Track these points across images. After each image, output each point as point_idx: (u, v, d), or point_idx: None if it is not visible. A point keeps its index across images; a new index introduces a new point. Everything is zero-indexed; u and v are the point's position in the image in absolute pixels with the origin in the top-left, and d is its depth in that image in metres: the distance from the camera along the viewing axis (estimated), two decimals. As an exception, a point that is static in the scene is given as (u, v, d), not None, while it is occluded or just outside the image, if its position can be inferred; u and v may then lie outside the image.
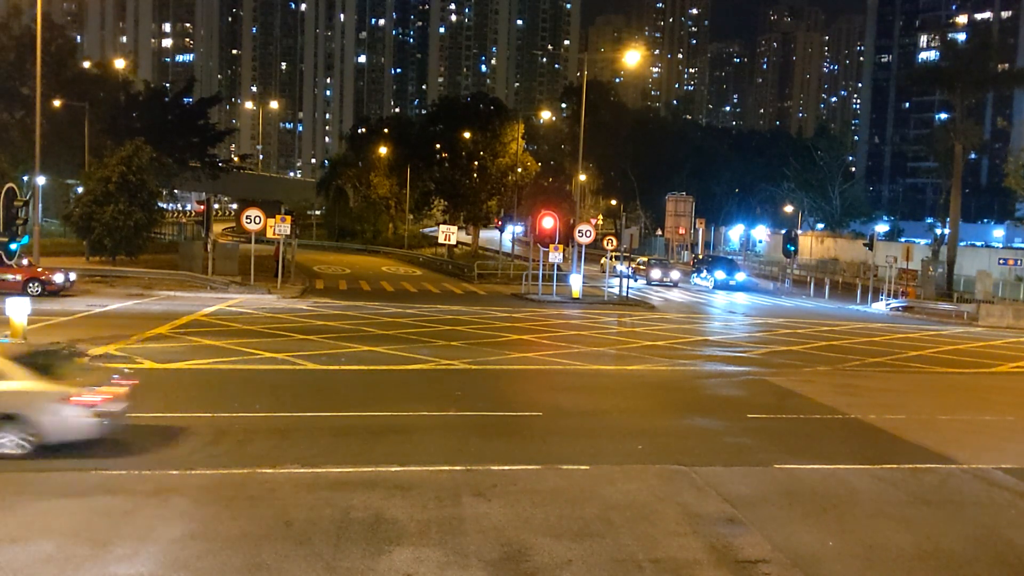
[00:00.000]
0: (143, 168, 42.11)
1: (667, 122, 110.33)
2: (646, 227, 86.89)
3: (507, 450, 13.42)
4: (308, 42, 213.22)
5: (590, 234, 41.58)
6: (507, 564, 9.00)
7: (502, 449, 13.49)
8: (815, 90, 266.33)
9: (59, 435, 11.92)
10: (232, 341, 22.44)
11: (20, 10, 56.73)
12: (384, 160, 77.25)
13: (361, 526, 9.87)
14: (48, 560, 8.64)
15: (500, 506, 10.70)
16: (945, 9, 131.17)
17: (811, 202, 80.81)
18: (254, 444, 13.12)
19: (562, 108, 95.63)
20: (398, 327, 27.24)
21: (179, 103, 74.54)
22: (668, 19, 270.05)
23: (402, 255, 67.79)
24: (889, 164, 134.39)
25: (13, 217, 19.79)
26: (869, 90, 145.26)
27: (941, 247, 56.53)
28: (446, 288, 44.07)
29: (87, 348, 20.17)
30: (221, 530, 9.58)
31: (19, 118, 53.87)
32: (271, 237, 39.49)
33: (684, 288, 51.14)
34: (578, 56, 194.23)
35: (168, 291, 34.02)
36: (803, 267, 64.45)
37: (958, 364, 25.75)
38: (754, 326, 33.90)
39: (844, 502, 11.65)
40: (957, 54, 66.08)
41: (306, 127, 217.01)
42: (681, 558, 9.36)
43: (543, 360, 22.27)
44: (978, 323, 38.46)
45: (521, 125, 72.45)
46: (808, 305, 44.45)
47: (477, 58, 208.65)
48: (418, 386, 18.51)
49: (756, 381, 20.77)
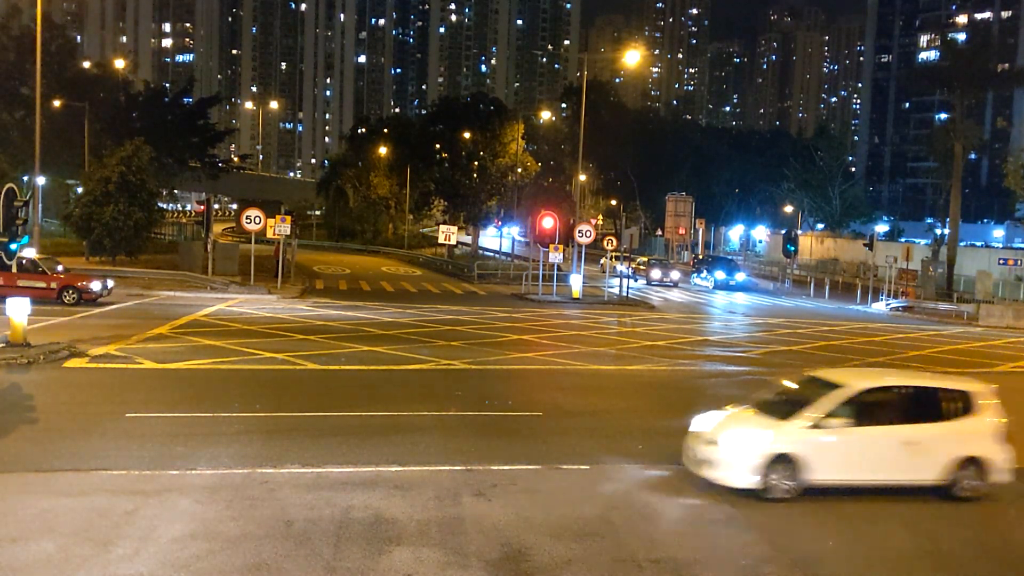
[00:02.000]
0: (143, 168, 42.08)
1: (667, 122, 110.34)
2: (646, 227, 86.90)
3: (507, 450, 13.42)
4: (308, 42, 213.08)
5: (590, 234, 41.57)
6: (507, 564, 9.01)
7: (502, 449, 13.49)
8: (815, 90, 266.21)
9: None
10: (232, 341, 22.44)
11: (20, 10, 56.74)
12: (384, 160, 77.24)
13: (361, 526, 9.87)
14: (48, 560, 8.65)
15: (500, 506, 10.71)
16: (945, 9, 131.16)
17: (811, 202, 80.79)
18: (254, 444, 13.12)
19: (562, 108, 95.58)
20: (398, 327, 27.24)
21: (179, 103, 74.46)
22: (668, 19, 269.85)
23: (402, 255, 67.78)
24: (889, 164, 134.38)
25: (13, 217, 19.73)
26: (869, 90, 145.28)
27: (941, 247, 56.54)
28: (446, 288, 44.07)
29: (87, 348, 20.22)
30: (221, 530, 9.58)
31: (19, 118, 53.84)
32: (271, 237, 39.48)
33: (684, 288, 51.14)
34: (578, 56, 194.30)
35: (168, 291, 34.00)
36: (803, 267, 64.46)
37: (958, 364, 25.74)
38: (754, 326, 33.90)
39: (844, 502, 11.65)
40: (957, 54, 65.97)
41: (306, 127, 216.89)
42: (681, 558, 9.37)
43: (543, 360, 22.27)
44: (978, 323, 38.47)
45: (521, 125, 72.43)
46: (808, 305, 44.45)
47: (477, 58, 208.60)
48: (418, 386, 18.51)
49: (756, 381, 20.74)
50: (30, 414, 14.55)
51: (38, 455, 12.14)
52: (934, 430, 11.94)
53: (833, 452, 11.47)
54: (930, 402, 12.24)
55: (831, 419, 11.51)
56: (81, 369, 18.32)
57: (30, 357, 18.57)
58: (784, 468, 11.29)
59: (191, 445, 12.94)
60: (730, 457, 11.34)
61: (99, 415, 14.56)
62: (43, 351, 19.09)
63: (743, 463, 11.26)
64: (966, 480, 11.80)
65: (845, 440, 11.53)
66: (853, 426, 11.58)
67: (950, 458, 11.75)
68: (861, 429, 11.63)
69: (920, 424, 11.94)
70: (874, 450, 11.68)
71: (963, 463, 11.79)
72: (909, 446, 11.69)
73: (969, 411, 12.13)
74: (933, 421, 12.03)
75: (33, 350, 19.04)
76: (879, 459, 11.70)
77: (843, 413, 11.57)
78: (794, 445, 11.35)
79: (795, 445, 11.35)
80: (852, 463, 11.63)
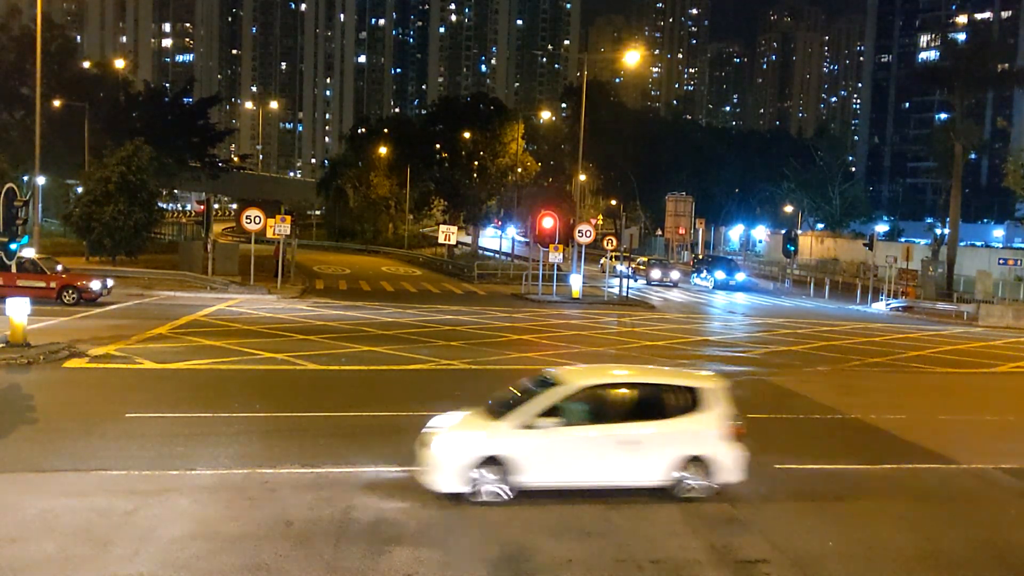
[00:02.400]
0: (143, 168, 42.09)
1: (667, 122, 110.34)
2: (646, 227, 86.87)
3: (507, 450, 13.40)
4: (308, 42, 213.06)
5: (590, 234, 41.57)
6: (507, 564, 9.01)
7: (502, 449, 13.46)
8: (815, 90, 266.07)
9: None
10: (232, 341, 22.44)
11: (20, 10, 56.74)
12: (384, 160, 77.24)
13: (361, 526, 9.88)
14: (48, 560, 8.65)
15: (500, 506, 10.71)
16: (945, 9, 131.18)
17: (811, 202, 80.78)
18: (254, 444, 13.12)
19: (562, 108, 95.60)
20: (398, 327, 27.24)
21: (179, 103, 74.52)
22: (668, 19, 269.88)
23: (402, 255, 67.78)
24: (889, 164, 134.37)
25: (13, 217, 19.73)
26: (869, 90, 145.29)
27: (941, 247, 56.51)
28: (446, 288, 44.06)
29: (87, 348, 20.22)
30: (221, 530, 9.58)
31: (19, 118, 53.87)
32: (271, 237, 39.48)
33: (684, 288, 51.14)
34: (578, 56, 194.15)
35: (168, 291, 34.00)
36: (803, 267, 64.45)
37: (958, 364, 25.75)
38: (754, 326, 33.90)
39: (844, 502, 11.66)
40: (957, 54, 66.03)
41: (306, 127, 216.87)
42: (681, 558, 9.37)
43: (543, 360, 22.25)
44: (978, 323, 38.45)
45: (521, 125, 72.43)
46: (808, 305, 44.44)
47: (477, 58, 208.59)
48: (418, 386, 18.51)
49: (756, 381, 20.75)
50: (30, 414, 14.55)
51: (38, 455, 12.14)
52: (655, 428, 11.23)
53: (545, 453, 10.87)
54: (653, 399, 11.52)
55: (545, 419, 10.90)
56: (81, 369, 18.32)
57: (30, 357, 18.58)
58: (494, 471, 10.70)
59: (191, 445, 12.94)
60: (439, 460, 10.79)
61: (99, 415, 14.55)
62: (43, 351, 19.10)
63: (451, 466, 10.71)
64: (689, 480, 11.14)
65: (558, 440, 10.94)
66: (567, 426, 10.97)
67: (672, 458, 11.10)
68: (576, 428, 11.01)
69: (640, 422, 11.24)
70: (589, 450, 11.02)
71: (685, 463, 11.14)
72: (628, 446, 11.03)
73: (695, 408, 11.38)
74: (655, 419, 11.30)
75: (33, 350, 19.04)
76: (595, 460, 11.05)
77: (558, 412, 10.98)
78: (503, 447, 10.75)
79: (504, 446, 10.75)
80: (566, 464, 11.00)
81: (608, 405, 11.40)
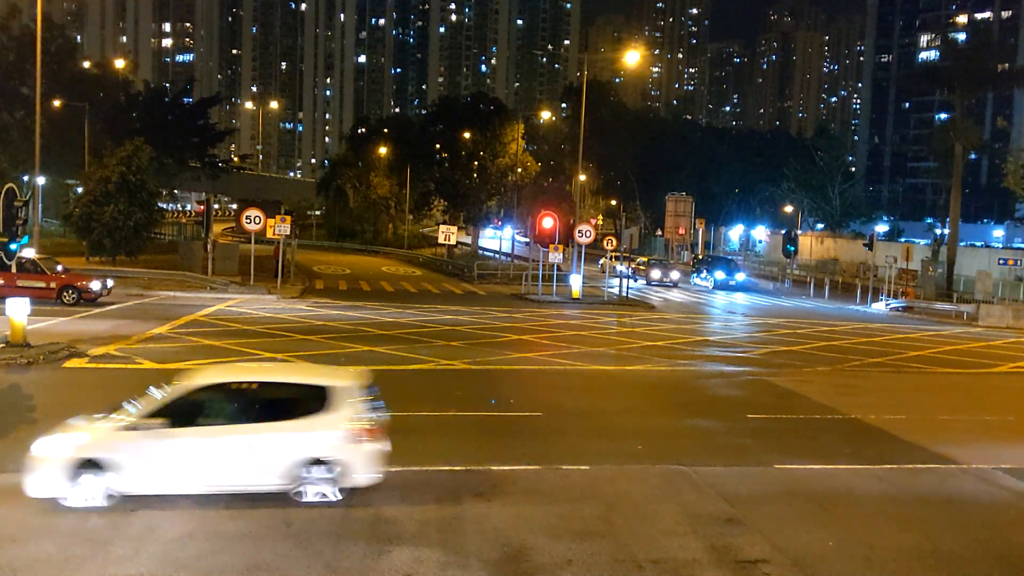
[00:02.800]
0: (143, 168, 42.11)
1: (667, 122, 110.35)
2: (646, 227, 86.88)
3: (507, 450, 13.42)
4: (308, 42, 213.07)
5: (590, 234, 41.57)
6: (507, 564, 9.01)
7: (502, 449, 13.48)
8: (815, 90, 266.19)
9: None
10: (232, 341, 22.44)
11: (20, 10, 56.75)
12: (384, 160, 77.26)
13: (361, 526, 9.88)
14: (48, 560, 8.65)
15: (500, 506, 10.71)
16: (945, 9, 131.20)
17: (811, 202, 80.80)
18: (254, 444, 13.08)
19: (562, 108, 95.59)
20: (398, 327, 27.23)
21: (179, 103, 74.58)
22: (668, 19, 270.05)
23: (402, 255, 67.77)
24: (889, 164, 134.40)
25: (13, 217, 19.73)
26: (869, 90, 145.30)
27: (941, 247, 56.54)
28: (446, 288, 44.06)
29: (87, 348, 20.21)
30: (221, 530, 9.59)
31: (19, 118, 53.86)
32: (271, 237, 39.48)
33: (684, 288, 51.13)
34: (578, 56, 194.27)
35: (168, 291, 34.00)
36: (803, 267, 64.45)
37: (958, 364, 25.75)
38: (754, 326, 33.90)
39: (844, 502, 11.65)
40: (957, 54, 66.19)
41: (306, 127, 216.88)
42: (681, 558, 9.37)
43: (543, 360, 22.26)
44: (978, 323, 38.45)
45: (521, 125, 72.46)
46: (808, 305, 44.44)
47: (477, 58, 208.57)
48: (418, 386, 18.50)
49: (756, 381, 20.76)
50: (30, 414, 14.55)
51: (38, 455, 12.12)
52: (274, 429, 10.61)
53: (150, 457, 10.19)
54: (277, 399, 11.02)
55: (153, 419, 10.24)
56: (81, 369, 18.32)
57: (30, 357, 18.57)
58: (93, 476, 10.01)
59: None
60: (38, 463, 10.15)
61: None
62: (43, 351, 19.10)
63: (46, 470, 10.07)
64: (313, 484, 10.52)
65: (166, 443, 10.22)
66: (177, 427, 10.28)
67: (290, 460, 10.45)
68: (186, 430, 10.35)
69: (259, 424, 10.64)
70: (201, 453, 10.35)
71: (308, 465, 10.50)
72: (244, 448, 10.43)
73: (323, 408, 10.70)
74: (276, 420, 10.69)
75: (33, 350, 19.04)
76: (205, 463, 10.39)
77: (168, 413, 10.31)
78: (103, 449, 10.08)
79: (104, 449, 10.08)
80: (175, 468, 10.31)
81: (224, 405, 10.84)
